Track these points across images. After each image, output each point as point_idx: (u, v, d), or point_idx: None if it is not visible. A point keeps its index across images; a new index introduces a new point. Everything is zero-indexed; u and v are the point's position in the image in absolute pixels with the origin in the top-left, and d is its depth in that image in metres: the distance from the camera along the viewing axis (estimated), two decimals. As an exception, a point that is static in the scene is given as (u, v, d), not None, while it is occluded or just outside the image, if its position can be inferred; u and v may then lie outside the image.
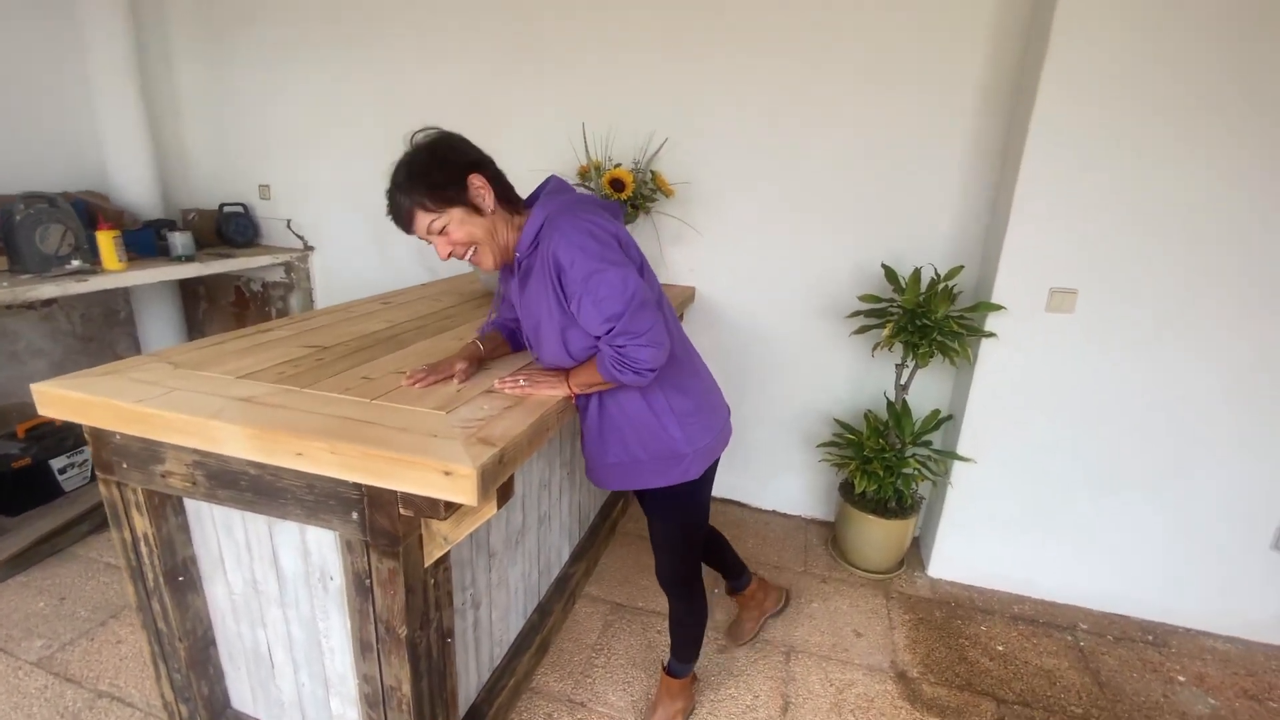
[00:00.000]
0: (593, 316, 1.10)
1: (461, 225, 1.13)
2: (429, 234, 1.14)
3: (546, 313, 1.18)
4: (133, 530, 1.28)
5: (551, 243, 1.11)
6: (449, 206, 1.12)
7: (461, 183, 1.12)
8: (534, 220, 1.17)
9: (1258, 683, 1.90)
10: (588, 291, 1.09)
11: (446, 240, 1.14)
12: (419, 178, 1.11)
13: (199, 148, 3.09)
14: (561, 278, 1.12)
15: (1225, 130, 1.70)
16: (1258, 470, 1.92)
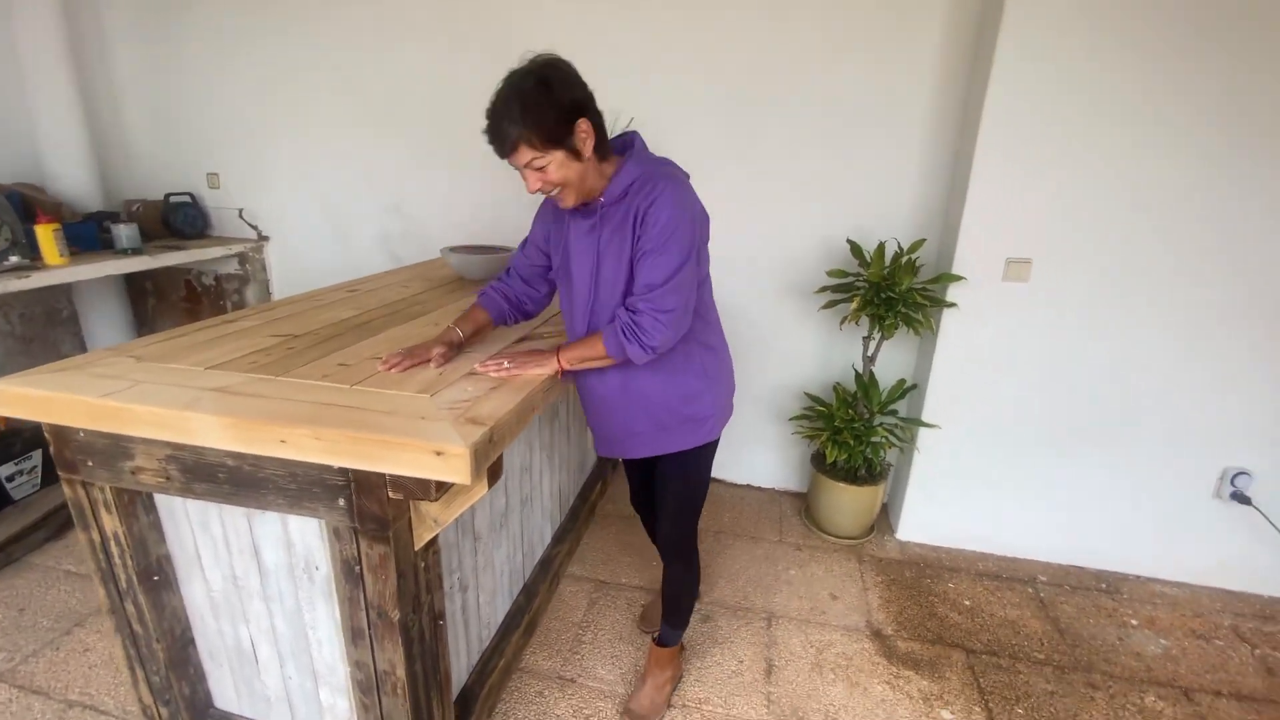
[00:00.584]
0: (658, 268, 1.17)
1: (560, 168, 1.13)
2: (526, 167, 1.15)
3: (615, 259, 1.22)
4: (101, 531, 1.24)
5: (647, 201, 1.15)
6: (554, 149, 1.11)
7: (570, 126, 1.11)
8: (627, 174, 1.19)
9: (1204, 623, 2.05)
10: (653, 253, 1.16)
11: (540, 177, 1.15)
12: (530, 113, 1.09)
13: (140, 135, 2.94)
14: (650, 224, 1.15)
15: (1174, 101, 1.79)
16: (1199, 426, 2.05)
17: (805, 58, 2.16)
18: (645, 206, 1.16)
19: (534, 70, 1.12)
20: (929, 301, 2.03)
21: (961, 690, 1.72)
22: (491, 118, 1.13)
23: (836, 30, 2.12)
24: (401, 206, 2.75)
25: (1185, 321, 1.97)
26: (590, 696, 1.65)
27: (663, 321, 1.17)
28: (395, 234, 2.80)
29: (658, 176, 1.18)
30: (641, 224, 1.17)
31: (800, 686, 1.70)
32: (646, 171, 1.19)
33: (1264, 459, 2.04)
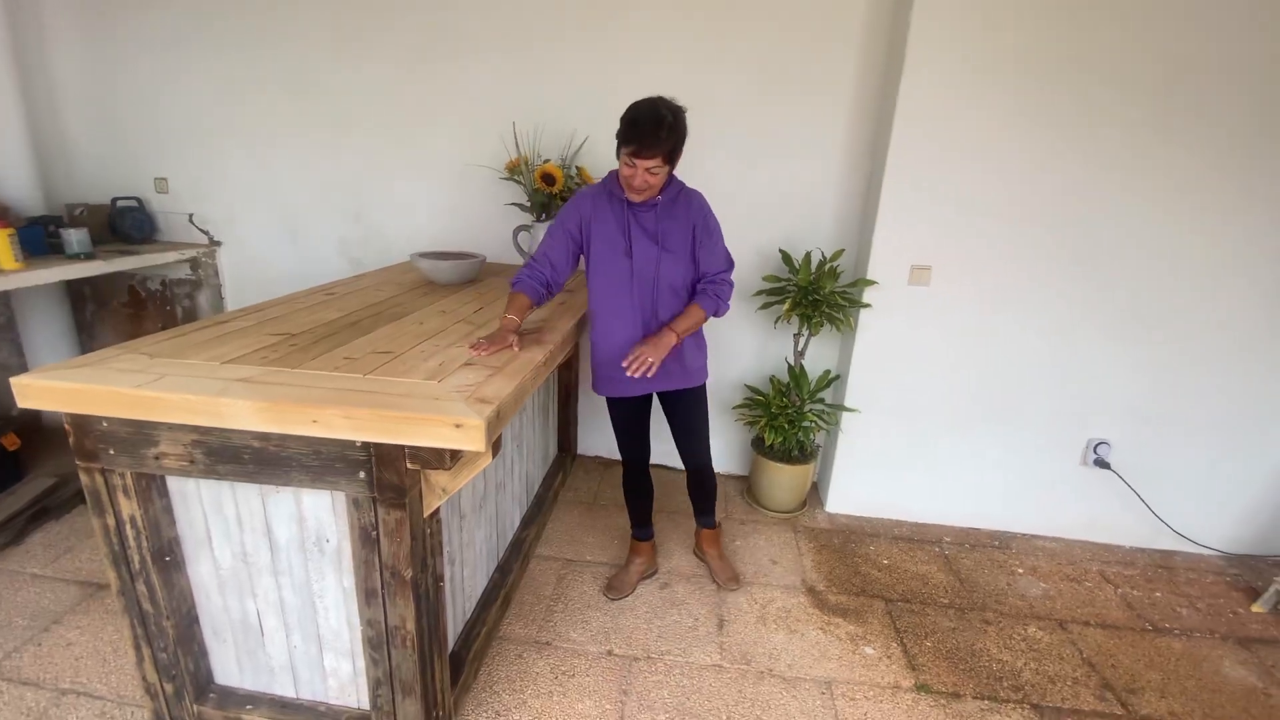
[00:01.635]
0: (718, 254, 1.81)
1: (662, 177, 1.65)
2: (645, 169, 1.60)
3: (680, 239, 1.75)
4: (118, 515, 1.33)
5: (699, 205, 1.78)
6: (669, 164, 1.63)
7: (679, 153, 1.65)
8: (675, 184, 1.77)
9: (1076, 569, 2.45)
10: (716, 240, 1.80)
11: (647, 178, 1.62)
12: (669, 137, 1.58)
13: (84, 139, 2.91)
14: (703, 224, 1.76)
15: (1045, 134, 2.18)
16: (1069, 403, 2.46)
17: (741, 98, 2.45)
18: (700, 208, 1.77)
19: (670, 107, 1.60)
20: (848, 302, 2.35)
21: (881, 631, 2.02)
22: (640, 129, 1.56)
23: (767, 74, 2.42)
24: (360, 213, 2.85)
25: (1056, 317, 2.37)
26: (565, 655, 1.84)
27: (730, 285, 1.83)
28: (354, 239, 2.90)
29: (693, 191, 1.80)
30: (703, 219, 1.76)
31: (748, 636, 1.96)
32: (684, 186, 1.79)
33: (1120, 430, 2.47)
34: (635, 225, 1.74)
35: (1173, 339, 2.34)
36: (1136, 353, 2.37)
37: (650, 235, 1.73)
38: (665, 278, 1.76)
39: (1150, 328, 2.34)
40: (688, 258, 1.77)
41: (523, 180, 2.37)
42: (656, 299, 1.78)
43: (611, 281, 1.77)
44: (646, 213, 1.73)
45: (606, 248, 1.75)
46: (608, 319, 1.82)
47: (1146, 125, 2.13)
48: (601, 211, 1.75)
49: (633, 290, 1.77)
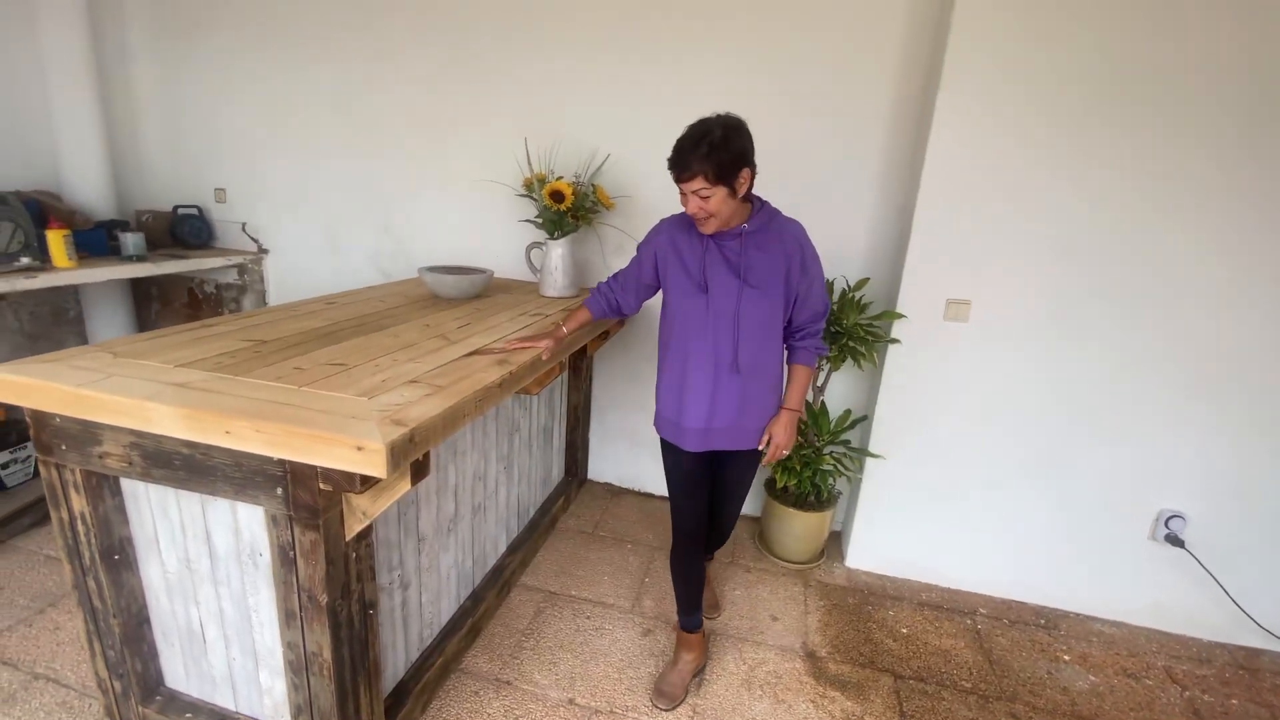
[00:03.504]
0: (816, 299, 1.59)
1: (719, 202, 1.41)
2: (693, 193, 1.41)
3: (769, 274, 1.51)
4: (70, 510, 1.35)
5: (797, 236, 1.54)
6: (720, 185, 1.39)
7: (736, 173, 1.40)
8: (766, 210, 1.55)
9: (1137, 663, 2.09)
10: (815, 282, 1.57)
11: (700, 203, 1.42)
12: (711, 155, 1.36)
13: (155, 150, 3.14)
14: (800, 261, 1.53)
15: (1097, 156, 1.92)
16: (1133, 465, 2.13)
17: (772, 117, 2.31)
18: (797, 240, 1.53)
19: (722, 122, 1.39)
20: (873, 336, 2.14)
21: (883, 713, 1.78)
22: (679, 149, 1.40)
23: (798, 91, 2.28)
24: (390, 225, 2.92)
25: (1118, 363, 2.06)
26: (522, 699, 1.73)
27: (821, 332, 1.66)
28: (385, 251, 2.96)
29: (791, 220, 1.57)
30: (802, 251, 1.53)
31: (726, 700, 1.77)
32: (779, 214, 1.57)
33: (1196, 502, 2.10)
34: (715, 256, 1.53)
35: (1259, 396, 1.97)
36: (1215, 411, 2.01)
37: (732, 267, 1.52)
38: (749, 315, 1.52)
39: (1236, 377, 1.98)
40: (778, 296, 1.53)
41: (535, 197, 2.32)
42: (738, 339, 1.54)
43: (685, 317, 1.58)
44: (729, 242, 1.52)
45: (681, 281, 1.57)
46: (678, 357, 1.61)
47: (1218, 147, 1.83)
48: (679, 242, 1.58)
49: (707, 327, 1.55)
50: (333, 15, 2.72)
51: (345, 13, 2.70)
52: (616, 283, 1.75)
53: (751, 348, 1.55)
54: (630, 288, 1.72)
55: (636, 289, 1.71)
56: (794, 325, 1.62)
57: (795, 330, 1.63)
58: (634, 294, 1.73)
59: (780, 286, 1.52)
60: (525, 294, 2.43)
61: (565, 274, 2.38)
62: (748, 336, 1.54)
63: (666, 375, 1.66)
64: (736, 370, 1.56)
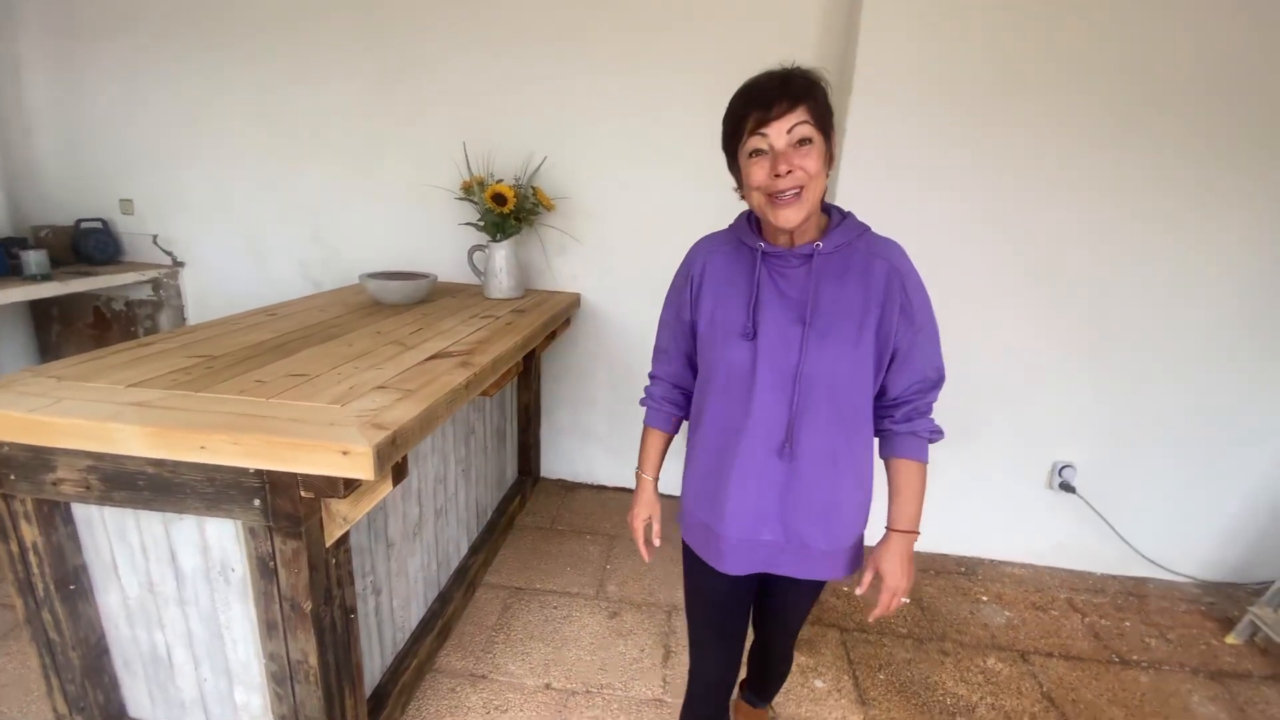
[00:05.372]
0: (930, 358, 1.09)
1: (817, 157, 0.97)
2: (788, 136, 0.95)
3: (852, 314, 1.03)
4: (20, 542, 1.30)
5: (898, 263, 1.04)
6: (822, 132, 0.97)
7: (831, 130, 1.00)
8: (850, 223, 1.08)
9: (1044, 597, 2.38)
10: (929, 329, 1.07)
11: (798, 157, 0.96)
12: (820, 87, 0.99)
13: (52, 162, 2.92)
14: (903, 299, 1.03)
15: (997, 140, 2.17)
16: (1030, 425, 2.41)
17: (697, 114, 2.44)
18: (899, 270, 1.03)
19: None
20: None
21: (833, 662, 1.95)
22: (776, 77, 0.98)
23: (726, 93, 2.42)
24: (320, 233, 2.85)
25: (1012, 333, 2.33)
26: (500, 689, 1.78)
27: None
28: (314, 260, 2.89)
29: (888, 241, 1.08)
30: (904, 290, 1.03)
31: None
32: (871, 232, 1.09)
33: (1085, 452, 2.41)
34: (771, 289, 1.06)
35: (1136, 352, 2.29)
36: (1097, 368, 2.32)
37: (794, 305, 1.04)
38: (817, 377, 1.03)
39: (1111, 341, 2.29)
40: (863, 350, 1.03)
41: (475, 200, 2.36)
42: (797, 409, 1.05)
43: (723, 375, 1.10)
44: (794, 268, 1.06)
45: (720, 319, 1.11)
46: (714, 432, 1.14)
47: (1098, 128, 2.11)
48: (721, 268, 1.14)
49: (755, 391, 1.06)
50: (253, 13, 2.62)
51: (268, 12, 2.61)
52: (664, 368, 1.29)
53: (820, 425, 1.05)
54: (679, 359, 1.26)
55: (688, 355, 1.25)
56: (890, 396, 1.10)
57: (893, 404, 1.11)
58: (685, 366, 1.27)
59: (867, 336, 1.03)
60: (470, 297, 2.45)
61: (510, 275, 2.43)
62: (815, 408, 1.04)
63: (697, 458, 1.20)
64: (795, 456, 1.07)
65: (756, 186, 1.01)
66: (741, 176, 1.05)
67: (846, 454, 1.09)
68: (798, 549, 1.14)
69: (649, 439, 1.33)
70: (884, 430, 1.15)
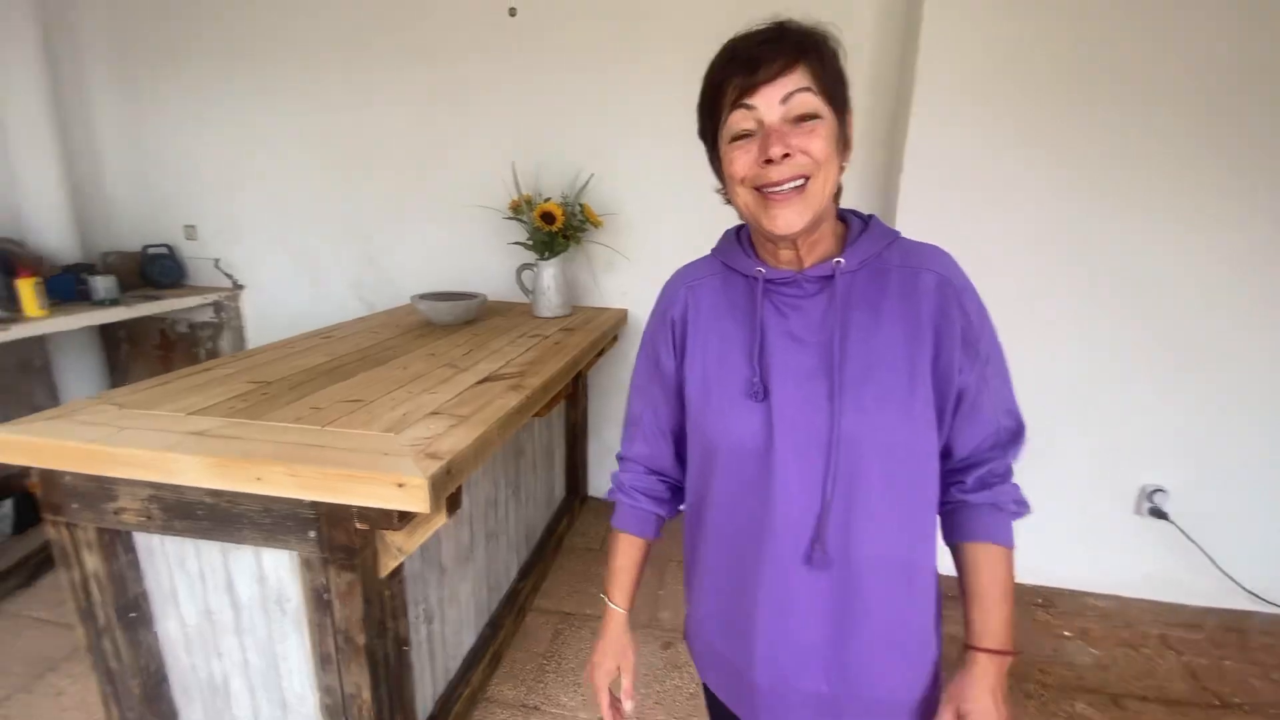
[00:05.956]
0: (998, 394, 0.80)
1: (826, 138, 0.71)
2: (784, 108, 0.70)
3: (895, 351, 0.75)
4: (83, 570, 1.31)
5: (949, 275, 0.76)
6: (830, 104, 0.71)
7: (846, 104, 0.75)
8: (876, 231, 0.79)
9: (1134, 633, 2.19)
10: (996, 360, 0.80)
11: (796, 135, 0.70)
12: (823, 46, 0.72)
13: (119, 190, 3.05)
14: (962, 322, 0.75)
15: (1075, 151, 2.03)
16: (1114, 445, 2.23)
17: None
18: (956, 283, 0.76)
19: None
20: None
21: (905, 703, 1.82)
22: (762, 32, 0.72)
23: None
24: (373, 255, 2.89)
25: (1096, 348, 2.16)
26: (553, 722, 1.72)
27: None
28: (368, 282, 2.93)
29: (921, 244, 0.80)
30: (963, 313, 0.75)
31: (754, 705, 1.80)
32: (903, 240, 0.80)
33: (1177, 476, 2.22)
34: (779, 326, 0.79)
35: (1231, 370, 2.09)
36: (1188, 387, 2.13)
37: (815, 348, 0.77)
38: (864, 443, 0.74)
39: (1202, 358, 2.10)
40: (922, 398, 0.75)
41: (525, 219, 2.34)
42: (842, 498, 0.75)
43: (729, 455, 0.80)
44: (809, 298, 0.79)
45: (715, 375, 0.82)
46: (719, 534, 0.85)
47: (1182, 138, 1.95)
48: (710, 306, 0.86)
49: (775, 476, 0.76)
50: (307, 43, 2.69)
51: (320, 41, 2.68)
52: (636, 447, 0.96)
53: (876, 512, 0.75)
54: (658, 435, 0.94)
55: (669, 426, 0.93)
56: (956, 456, 0.82)
57: (961, 467, 0.82)
58: (668, 443, 0.94)
59: (922, 379, 0.75)
60: (519, 315, 2.43)
61: (558, 293, 2.40)
62: (865, 489, 0.74)
63: (706, 570, 0.88)
64: (847, 561, 0.76)
65: (742, 178, 0.74)
66: (723, 170, 0.78)
67: (923, 551, 0.79)
68: (859, 706, 0.80)
69: (617, 548, 0.97)
70: (952, 504, 0.84)
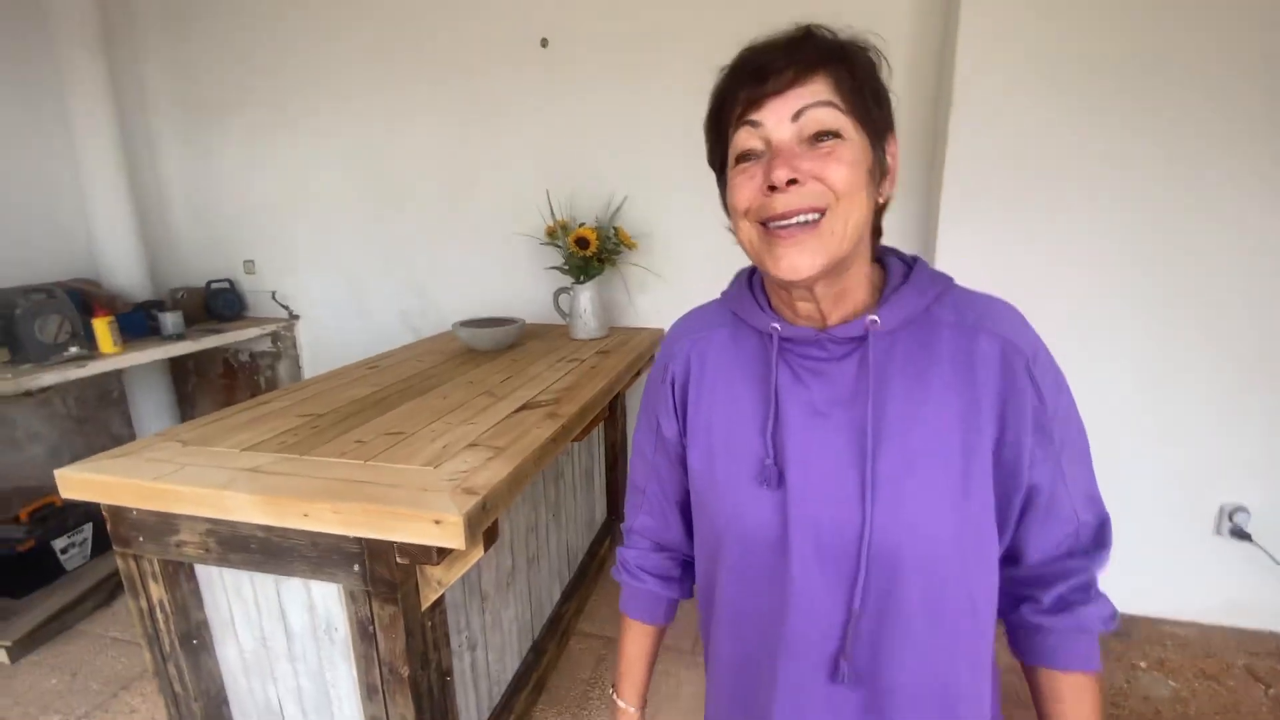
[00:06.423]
0: (1077, 487, 0.65)
1: (850, 163, 0.58)
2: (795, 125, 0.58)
3: (946, 430, 0.61)
4: (149, 599, 1.38)
5: (1011, 337, 0.62)
6: (859, 123, 0.59)
7: (887, 120, 0.63)
8: (921, 277, 0.65)
9: (1216, 663, 2.03)
10: (1076, 441, 0.65)
11: (810, 158, 0.58)
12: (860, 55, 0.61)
13: (184, 229, 3.25)
14: (1037, 390, 0.61)
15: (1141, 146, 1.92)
16: (1191, 463, 2.09)
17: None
18: (1025, 346, 0.62)
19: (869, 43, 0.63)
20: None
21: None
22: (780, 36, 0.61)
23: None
24: (417, 283, 2.98)
25: (1164, 362, 2.04)
26: (597, 750, 1.72)
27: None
28: (413, 309, 3.02)
29: (981, 296, 0.67)
30: (1033, 385, 0.61)
31: None
32: (950, 282, 0.67)
33: (1259, 494, 2.06)
34: (797, 394, 0.66)
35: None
36: (1272, 401, 1.98)
37: (842, 425, 0.64)
38: (901, 551, 0.61)
39: (1285, 370, 1.96)
40: (980, 495, 0.62)
41: (560, 244, 2.37)
42: (872, 614, 0.62)
43: (737, 549, 0.69)
44: (835, 362, 0.66)
45: (724, 451, 0.70)
46: (735, 649, 0.74)
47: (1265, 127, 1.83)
48: (716, 364, 0.74)
49: (791, 579, 0.64)
50: (349, 85, 2.82)
51: (361, 82, 2.80)
52: (642, 519, 0.86)
53: (915, 633, 0.62)
54: (664, 506, 0.83)
55: (678, 500, 0.83)
56: (1027, 563, 0.68)
57: (1035, 579, 0.69)
58: (676, 514, 0.84)
59: (980, 472, 0.62)
60: (557, 338, 2.46)
61: (595, 316, 2.42)
62: (902, 605, 0.62)
63: (718, 676, 0.79)
64: (877, 690, 0.64)
65: (745, 209, 0.62)
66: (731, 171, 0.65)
67: (972, 681, 0.65)
68: None
69: (626, 636, 0.87)
70: (1025, 624, 0.69)
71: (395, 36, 2.71)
